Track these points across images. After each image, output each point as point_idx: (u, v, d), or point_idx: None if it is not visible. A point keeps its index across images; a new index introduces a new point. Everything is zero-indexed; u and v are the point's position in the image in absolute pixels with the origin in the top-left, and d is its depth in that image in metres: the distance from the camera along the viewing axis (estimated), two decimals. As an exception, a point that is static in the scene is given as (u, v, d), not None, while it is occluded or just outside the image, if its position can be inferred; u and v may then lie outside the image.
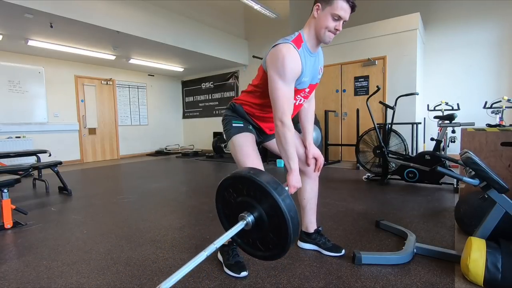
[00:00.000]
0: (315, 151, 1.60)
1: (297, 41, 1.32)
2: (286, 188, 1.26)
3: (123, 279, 1.48)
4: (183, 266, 0.95)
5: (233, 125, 1.49)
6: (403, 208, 2.59)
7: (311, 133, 1.64)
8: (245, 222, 1.07)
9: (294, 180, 1.31)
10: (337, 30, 1.32)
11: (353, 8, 1.30)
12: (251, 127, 1.52)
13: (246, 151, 1.42)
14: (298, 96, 1.44)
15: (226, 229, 1.17)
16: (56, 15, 3.82)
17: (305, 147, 1.62)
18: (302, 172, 1.68)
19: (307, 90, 1.46)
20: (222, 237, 1.03)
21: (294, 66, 1.29)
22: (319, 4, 1.30)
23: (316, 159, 1.60)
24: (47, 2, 3.71)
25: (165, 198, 3.14)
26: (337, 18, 1.29)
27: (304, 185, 1.67)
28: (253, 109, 1.50)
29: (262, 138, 1.63)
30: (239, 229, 1.06)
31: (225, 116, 1.55)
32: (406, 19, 4.91)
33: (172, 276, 0.92)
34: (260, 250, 1.14)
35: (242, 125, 1.49)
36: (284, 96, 1.29)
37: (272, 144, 1.67)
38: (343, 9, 1.27)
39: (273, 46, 1.31)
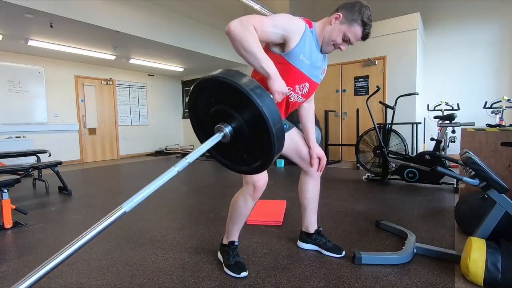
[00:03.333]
0: (318, 151, 1.58)
1: (308, 22, 1.31)
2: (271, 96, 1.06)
3: (123, 279, 1.48)
4: (152, 182, 0.82)
5: None
6: (403, 208, 2.59)
7: (313, 132, 1.62)
8: (222, 133, 0.93)
9: (277, 85, 1.08)
10: (339, 48, 1.34)
11: (364, 39, 1.31)
12: None
13: None
14: (297, 87, 1.35)
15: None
16: (56, 15, 3.82)
17: (308, 147, 1.60)
18: (304, 172, 1.68)
19: (307, 86, 1.38)
20: (195, 151, 0.90)
21: (291, 23, 1.22)
22: (340, 14, 1.28)
23: (319, 159, 1.59)
24: (47, 2, 3.71)
25: (165, 198, 3.14)
26: (347, 40, 1.29)
27: (306, 185, 1.67)
28: None
29: None
30: (215, 141, 0.92)
31: None
32: (406, 19, 4.91)
33: (136, 195, 0.79)
34: (249, 163, 1.02)
35: None
36: (261, 21, 1.14)
37: None
38: (356, 36, 1.28)
39: None
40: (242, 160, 1.03)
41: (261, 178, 1.40)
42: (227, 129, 0.93)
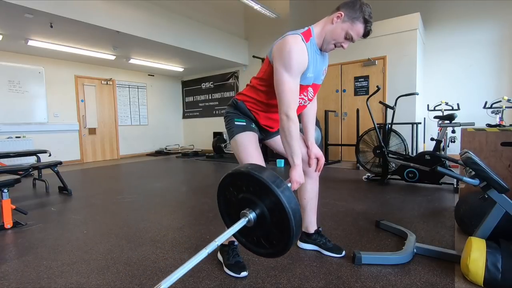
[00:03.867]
0: (317, 152, 1.59)
1: (306, 34, 1.32)
2: (289, 184, 1.25)
3: (123, 279, 1.48)
4: (184, 264, 0.94)
5: (236, 123, 1.48)
6: (403, 208, 2.59)
7: (313, 133, 1.63)
8: (246, 219, 1.04)
9: (297, 175, 1.28)
10: (341, 46, 1.35)
11: (365, 36, 1.33)
12: (253, 125, 1.50)
13: (249, 151, 1.42)
14: (302, 95, 1.42)
15: (228, 227, 1.16)
16: (56, 15, 3.82)
17: (307, 147, 1.60)
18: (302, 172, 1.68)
19: (310, 90, 1.44)
20: (223, 234, 1.01)
21: (301, 59, 1.27)
22: (342, 13, 1.29)
23: (317, 159, 1.60)
24: (47, 2, 3.71)
25: (165, 198, 3.14)
26: (349, 38, 1.31)
27: (305, 185, 1.67)
28: (257, 107, 1.48)
29: (263, 135, 1.63)
30: (240, 226, 1.05)
31: (227, 113, 1.55)
32: (406, 19, 4.91)
33: (173, 274, 0.91)
34: (263, 248, 1.12)
35: (244, 123, 1.48)
36: (290, 90, 1.27)
37: (274, 142, 1.66)
38: (359, 33, 1.30)
39: (282, 37, 1.31)
40: (258, 244, 1.13)
41: None
42: (252, 216, 1.05)
